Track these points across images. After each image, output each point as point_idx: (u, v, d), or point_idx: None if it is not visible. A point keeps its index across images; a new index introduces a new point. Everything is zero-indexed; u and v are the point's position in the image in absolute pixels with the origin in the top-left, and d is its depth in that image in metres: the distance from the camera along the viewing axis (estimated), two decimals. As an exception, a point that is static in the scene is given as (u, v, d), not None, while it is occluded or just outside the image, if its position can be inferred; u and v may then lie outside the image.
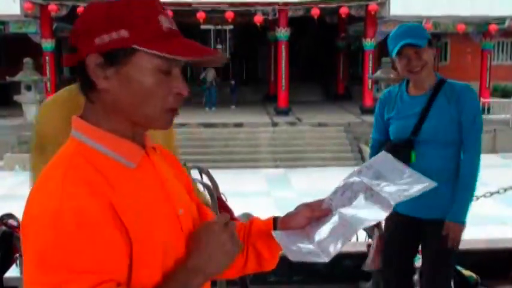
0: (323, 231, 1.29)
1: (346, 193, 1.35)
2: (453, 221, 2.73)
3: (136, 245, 1.06)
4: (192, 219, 1.26)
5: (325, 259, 1.22)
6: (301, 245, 1.27)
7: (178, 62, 1.12)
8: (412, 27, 2.77)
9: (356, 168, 1.40)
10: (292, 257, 1.24)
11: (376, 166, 1.39)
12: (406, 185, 1.31)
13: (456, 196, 2.75)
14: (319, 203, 1.37)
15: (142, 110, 1.11)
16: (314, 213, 1.34)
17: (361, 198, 1.31)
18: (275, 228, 1.35)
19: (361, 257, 3.31)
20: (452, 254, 2.84)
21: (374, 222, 1.27)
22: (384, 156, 1.43)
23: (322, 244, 1.25)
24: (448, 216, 2.74)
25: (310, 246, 1.26)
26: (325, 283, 4.14)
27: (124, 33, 1.07)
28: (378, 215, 1.26)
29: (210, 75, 22.01)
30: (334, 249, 1.23)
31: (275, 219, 1.37)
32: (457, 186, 2.75)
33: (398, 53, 2.70)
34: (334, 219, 1.30)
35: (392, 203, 1.26)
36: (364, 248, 3.51)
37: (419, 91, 2.81)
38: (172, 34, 1.11)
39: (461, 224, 2.74)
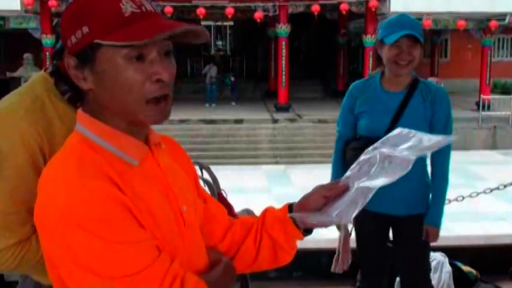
0: (340, 204, 1.26)
1: (363, 168, 1.32)
2: (432, 224, 2.78)
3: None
4: (197, 215, 1.25)
5: (345, 222, 1.25)
6: (321, 218, 1.27)
7: (153, 46, 1.05)
8: (414, 21, 2.72)
9: (370, 147, 1.37)
10: (310, 220, 1.26)
11: (392, 140, 1.36)
12: (424, 143, 1.31)
13: (432, 200, 2.79)
14: (335, 182, 1.33)
15: (125, 103, 1.07)
16: (331, 191, 1.30)
17: (378, 167, 1.28)
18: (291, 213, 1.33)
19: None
20: (428, 247, 2.92)
21: (397, 178, 1.24)
22: (399, 130, 1.41)
23: (340, 213, 1.24)
24: (427, 220, 2.79)
25: (329, 217, 1.25)
26: (326, 279, 4.15)
27: (85, 29, 1.04)
28: (400, 172, 1.24)
29: (213, 72, 22.02)
30: (353, 211, 1.22)
31: (290, 206, 1.35)
32: (432, 190, 2.79)
33: (393, 42, 2.64)
34: (352, 191, 1.27)
35: (412, 157, 1.24)
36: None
37: (395, 87, 2.77)
38: (140, 18, 1.05)
39: (438, 227, 2.80)
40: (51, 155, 1.38)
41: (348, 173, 1.34)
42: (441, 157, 2.75)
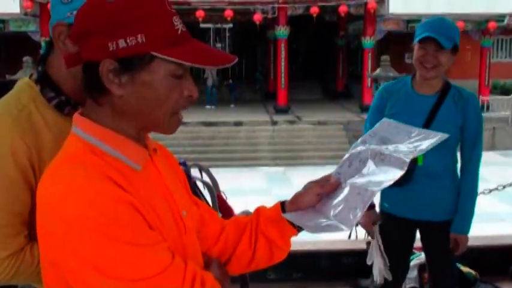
0: (337, 204, 1.24)
1: (353, 163, 1.30)
2: (459, 232, 2.74)
3: None
4: (193, 220, 1.25)
5: (347, 228, 1.19)
6: (319, 220, 1.24)
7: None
8: (446, 25, 2.64)
9: (359, 139, 1.35)
10: (312, 231, 1.21)
11: (380, 133, 1.34)
12: (416, 142, 1.27)
13: (460, 207, 2.74)
14: (326, 178, 1.32)
15: (154, 115, 1.07)
16: (324, 188, 1.29)
17: (371, 165, 1.26)
18: (284, 212, 1.31)
19: (360, 254, 3.32)
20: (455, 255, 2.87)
21: (391, 182, 1.19)
22: (387, 122, 1.38)
23: (339, 216, 1.22)
24: (453, 228, 2.74)
25: (328, 221, 1.23)
26: (325, 280, 4.15)
27: (142, 38, 1.00)
28: (394, 174, 1.20)
29: (214, 73, 22.11)
30: (354, 217, 1.19)
31: (282, 204, 1.34)
32: (460, 197, 2.74)
33: (420, 42, 2.59)
34: (346, 190, 1.25)
35: (407, 159, 1.20)
36: (363, 246, 3.52)
37: (427, 91, 2.73)
38: (186, 37, 1.07)
39: (467, 234, 2.76)
40: (40, 165, 1.38)
41: (339, 168, 1.32)
42: (472, 162, 2.72)
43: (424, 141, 1.26)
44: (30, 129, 1.43)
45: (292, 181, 13.93)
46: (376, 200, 2.96)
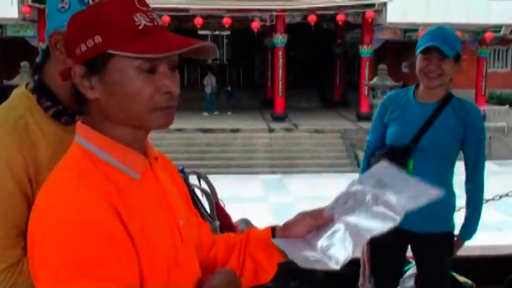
0: (327, 239, 1.24)
1: (349, 202, 1.29)
2: (465, 239, 2.78)
3: (142, 256, 1.05)
4: (192, 231, 1.26)
5: (336, 267, 1.18)
6: (308, 253, 1.24)
7: (164, 59, 1.07)
8: (447, 34, 2.65)
9: (357, 178, 1.35)
10: (301, 264, 1.21)
11: (378, 175, 1.33)
12: (413, 195, 1.26)
13: (468, 217, 2.77)
14: (320, 211, 1.32)
15: (132, 111, 1.07)
16: (316, 221, 1.30)
17: (365, 207, 1.26)
18: (274, 237, 1.32)
19: (357, 263, 3.32)
20: (448, 267, 2.90)
21: (381, 232, 1.20)
22: (385, 165, 1.37)
23: (329, 252, 1.22)
24: (462, 235, 2.78)
25: (317, 255, 1.22)
26: (321, 289, 4.14)
27: (98, 39, 1.04)
28: (385, 225, 1.20)
29: (213, 81, 22.13)
30: (344, 256, 1.19)
31: (273, 228, 1.34)
32: (468, 207, 2.77)
33: (423, 52, 2.59)
34: (338, 227, 1.25)
35: (401, 214, 1.20)
36: (360, 254, 3.51)
37: (428, 99, 2.72)
38: (151, 31, 1.06)
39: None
40: (37, 177, 1.38)
41: (333, 203, 1.31)
42: (477, 170, 2.74)
43: (421, 197, 1.26)
44: (27, 140, 1.42)
45: (289, 189, 13.93)
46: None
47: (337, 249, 1.21)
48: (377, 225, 1.21)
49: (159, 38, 1.06)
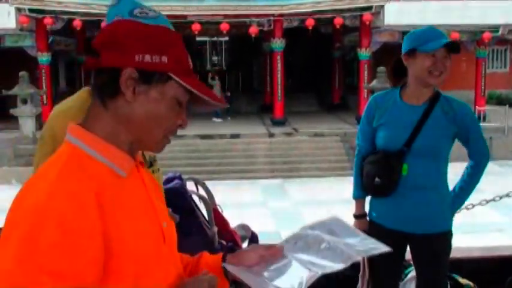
0: (274, 271, 1.31)
1: (298, 243, 1.38)
2: (450, 229, 2.78)
3: (116, 253, 1.08)
4: (174, 233, 1.32)
5: None
6: (258, 279, 1.30)
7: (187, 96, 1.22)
8: (442, 32, 2.67)
9: (307, 224, 1.44)
10: (253, 286, 1.28)
11: (329, 226, 1.43)
12: (362, 245, 1.38)
13: (455, 204, 2.78)
14: (272, 245, 1.40)
15: (152, 130, 1.19)
16: (267, 251, 1.37)
17: (316, 249, 1.35)
18: (224, 262, 1.38)
19: (355, 267, 3.31)
20: (447, 267, 2.89)
21: (331, 271, 1.30)
22: (336, 219, 1.47)
23: (274, 282, 1.28)
24: (448, 226, 2.77)
25: (266, 282, 1.29)
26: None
27: (165, 59, 1.16)
28: (336, 265, 1.30)
29: (217, 87, 22.13)
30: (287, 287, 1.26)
31: (224, 255, 1.41)
32: (458, 194, 2.77)
33: (432, 50, 2.58)
34: (287, 261, 1.33)
35: (351, 257, 1.31)
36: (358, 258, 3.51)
37: (416, 101, 2.71)
38: (192, 72, 1.23)
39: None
40: None
41: (284, 242, 1.39)
42: (481, 153, 2.77)
43: (370, 249, 1.39)
44: None
45: (289, 193, 13.92)
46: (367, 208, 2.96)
47: (285, 280, 1.28)
48: (327, 264, 1.30)
49: (199, 81, 1.24)
